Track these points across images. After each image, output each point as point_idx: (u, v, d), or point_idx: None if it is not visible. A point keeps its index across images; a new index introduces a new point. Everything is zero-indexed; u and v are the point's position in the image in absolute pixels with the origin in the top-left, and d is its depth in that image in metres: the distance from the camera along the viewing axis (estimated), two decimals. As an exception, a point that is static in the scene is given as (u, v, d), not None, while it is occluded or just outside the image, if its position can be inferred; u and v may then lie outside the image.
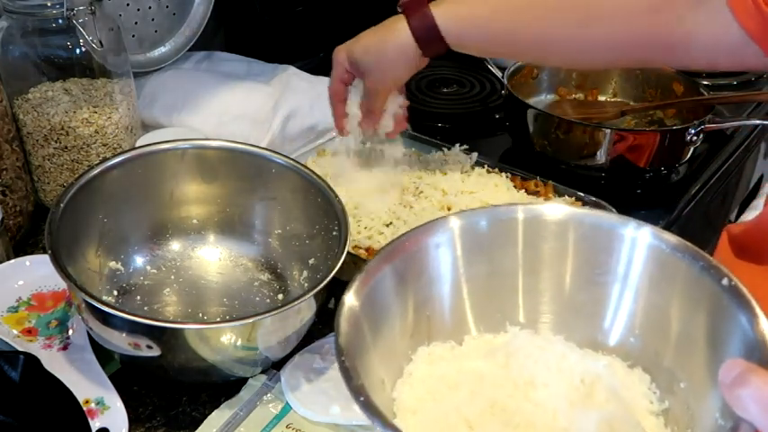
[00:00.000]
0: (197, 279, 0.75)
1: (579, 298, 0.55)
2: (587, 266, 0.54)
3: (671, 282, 0.52)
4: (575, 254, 0.54)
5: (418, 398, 0.50)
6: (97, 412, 0.61)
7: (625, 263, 0.53)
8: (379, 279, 0.50)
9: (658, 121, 1.07)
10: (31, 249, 0.83)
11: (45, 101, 0.81)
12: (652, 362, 0.52)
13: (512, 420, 0.48)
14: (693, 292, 0.50)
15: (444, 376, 0.52)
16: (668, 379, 0.51)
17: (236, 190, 0.77)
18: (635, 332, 0.54)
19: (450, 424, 0.48)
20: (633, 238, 0.52)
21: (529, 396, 0.49)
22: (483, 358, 0.52)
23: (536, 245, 0.54)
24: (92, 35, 0.79)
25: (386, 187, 0.85)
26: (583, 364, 0.51)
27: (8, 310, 0.70)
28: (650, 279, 0.53)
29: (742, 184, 1.27)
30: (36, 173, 0.86)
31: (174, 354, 0.60)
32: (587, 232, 0.54)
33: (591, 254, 0.54)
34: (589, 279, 0.54)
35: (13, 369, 0.55)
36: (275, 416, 0.63)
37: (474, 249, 0.54)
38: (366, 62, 0.77)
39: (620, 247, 0.53)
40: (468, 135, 0.99)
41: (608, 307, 0.54)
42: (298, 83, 0.98)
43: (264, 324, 0.60)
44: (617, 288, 0.54)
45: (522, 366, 0.50)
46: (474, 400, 0.49)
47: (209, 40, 1.11)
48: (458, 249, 0.53)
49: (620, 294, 0.54)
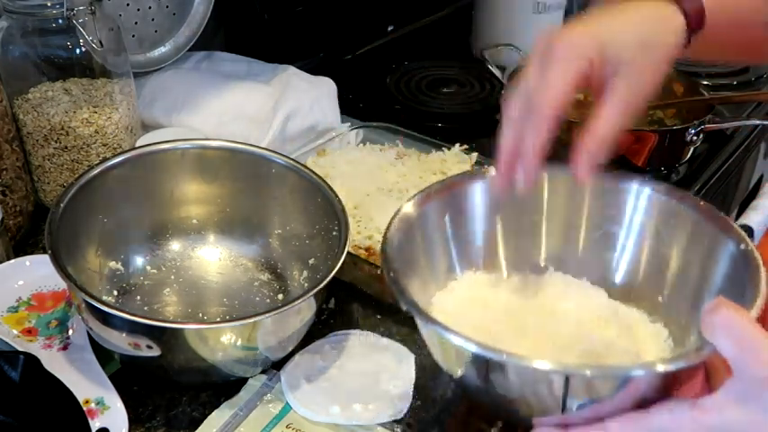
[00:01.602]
0: (197, 279, 0.75)
1: (595, 247, 0.62)
2: (600, 218, 0.61)
3: (680, 235, 0.57)
4: (589, 206, 0.61)
5: (454, 306, 0.58)
6: (97, 412, 0.61)
7: (637, 214, 0.60)
8: (431, 205, 0.59)
9: (658, 121, 1.07)
10: (31, 249, 0.83)
11: (45, 101, 0.81)
12: (673, 320, 0.56)
13: (529, 333, 0.55)
14: (702, 246, 0.55)
15: (480, 298, 0.59)
16: (682, 335, 0.55)
17: (236, 190, 0.77)
18: (651, 285, 0.59)
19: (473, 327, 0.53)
20: (638, 191, 0.59)
21: (550, 321, 0.56)
22: (517, 290, 0.60)
23: (557, 197, 0.62)
24: (92, 35, 0.79)
25: (386, 187, 0.85)
26: (608, 306, 0.58)
27: (8, 310, 0.70)
28: (657, 230, 0.59)
29: (742, 184, 1.26)
30: (36, 173, 0.86)
31: (174, 354, 0.60)
32: (599, 186, 0.60)
33: (604, 206, 0.61)
34: (603, 229, 0.61)
35: (13, 369, 0.55)
36: (275, 416, 0.63)
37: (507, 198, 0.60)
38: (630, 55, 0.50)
39: (629, 200, 0.60)
40: (468, 135, 0.99)
41: (620, 257, 0.61)
42: (298, 83, 0.98)
43: (264, 324, 0.60)
44: (628, 239, 0.60)
45: (551, 300, 0.59)
46: (500, 319, 0.57)
47: (209, 40, 1.11)
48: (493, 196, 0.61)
49: (632, 244, 0.60)
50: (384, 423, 0.62)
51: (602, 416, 0.44)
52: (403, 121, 1.01)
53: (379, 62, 1.28)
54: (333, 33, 1.27)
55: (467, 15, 1.36)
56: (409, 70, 1.25)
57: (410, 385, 0.65)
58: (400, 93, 1.18)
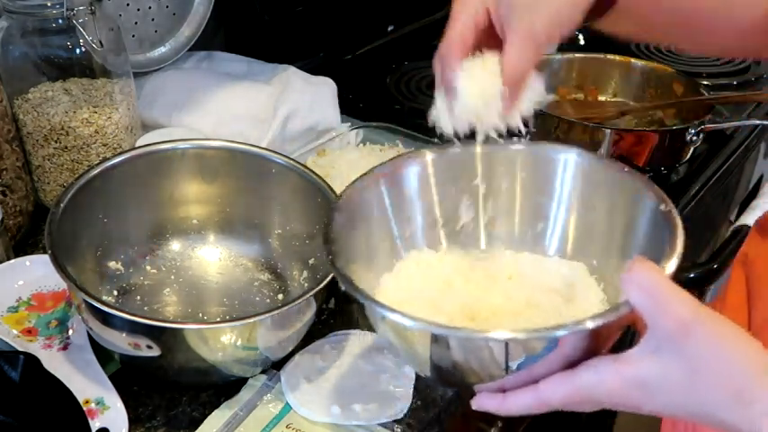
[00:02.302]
0: (197, 279, 0.75)
1: (531, 218, 0.63)
2: (533, 189, 0.62)
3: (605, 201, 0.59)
4: (522, 179, 0.62)
5: (399, 287, 0.58)
6: (97, 412, 0.61)
7: (560, 183, 0.61)
8: (370, 189, 0.59)
9: (658, 121, 1.07)
10: (31, 249, 0.83)
11: (45, 101, 0.81)
12: (608, 281, 0.58)
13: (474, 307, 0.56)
14: (627, 210, 0.57)
15: (424, 276, 0.60)
16: (616, 295, 0.56)
17: (236, 190, 0.77)
18: (593, 253, 0.60)
19: (416, 309, 0.54)
20: (565, 160, 0.60)
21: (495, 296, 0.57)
22: (461, 265, 0.60)
23: (492, 173, 0.62)
24: (92, 35, 0.79)
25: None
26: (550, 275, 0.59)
27: (8, 310, 0.70)
28: (586, 198, 0.60)
29: (742, 184, 1.27)
30: (36, 173, 0.86)
31: (174, 354, 0.60)
32: (531, 159, 0.61)
33: (535, 178, 0.62)
34: (535, 201, 0.62)
35: (13, 369, 0.55)
36: (275, 416, 0.63)
37: (444, 177, 0.62)
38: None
39: (557, 169, 0.60)
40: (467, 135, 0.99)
41: (554, 226, 0.62)
42: (298, 83, 0.98)
43: (264, 324, 0.60)
44: (560, 208, 0.61)
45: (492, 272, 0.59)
46: (446, 294, 0.57)
47: (209, 40, 1.11)
48: (430, 176, 0.62)
49: (565, 214, 0.61)
50: (384, 423, 0.63)
51: (535, 378, 0.47)
52: (403, 121, 1.01)
53: (379, 62, 1.28)
54: (333, 33, 1.27)
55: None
56: (409, 70, 1.25)
57: (410, 385, 0.65)
58: (400, 93, 1.18)
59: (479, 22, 0.55)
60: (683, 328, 0.41)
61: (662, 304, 0.41)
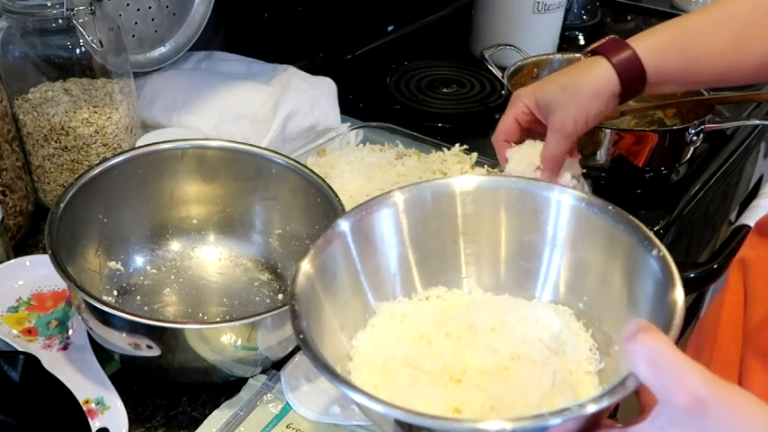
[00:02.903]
0: (197, 279, 0.75)
1: (517, 260, 0.60)
2: (519, 229, 0.59)
3: (598, 245, 0.56)
4: (507, 219, 0.60)
5: (375, 345, 0.55)
6: (97, 412, 0.61)
7: (553, 225, 0.58)
8: (334, 246, 0.55)
9: (658, 121, 1.07)
10: (31, 249, 0.83)
11: (45, 101, 0.81)
12: (595, 326, 0.55)
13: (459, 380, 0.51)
14: (619, 256, 0.54)
15: (399, 330, 0.56)
16: (607, 342, 0.54)
17: (236, 190, 0.77)
18: (579, 296, 0.57)
19: (396, 370, 0.52)
20: (558, 201, 0.57)
21: (479, 350, 0.53)
22: (439, 316, 0.57)
23: (472, 213, 0.60)
24: (92, 35, 0.79)
25: (386, 187, 0.85)
26: (536, 325, 0.55)
27: (8, 310, 0.70)
28: (580, 242, 0.57)
29: (742, 184, 1.26)
30: (36, 173, 0.86)
31: (174, 354, 0.60)
32: (516, 198, 0.59)
33: (521, 218, 0.59)
34: (521, 241, 0.59)
35: (13, 369, 0.55)
36: (275, 416, 0.63)
37: (418, 220, 0.59)
38: (560, 97, 0.70)
39: (548, 210, 0.58)
40: (468, 135, 0.99)
41: (541, 268, 0.59)
42: (298, 83, 0.98)
43: (264, 324, 0.60)
44: (548, 250, 0.58)
45: (479, 321, 0.55)
46: (422, 351, 0.54)
47: (209, 40, 1.11)
48: (403, 220, 0.59)
49: (551, 256, 0.58)
50: (384, 423, 0.62)
51: None
52: (403, 121, 1.01)
53: (379, 62, 1.28)
54: (333, 33, 1.27)
55: (467, 15, 1.36)
56: (409, 70, 1.25)
57: (410, 385, 0.65)
58: (400, 93, 1.18)
59: (521, 118, 0.73)
60: (699, 404, 0.38)
61: (674, 379, 0.38)
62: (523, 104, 0.72)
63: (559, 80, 0.71)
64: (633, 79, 0.69)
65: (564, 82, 0.71)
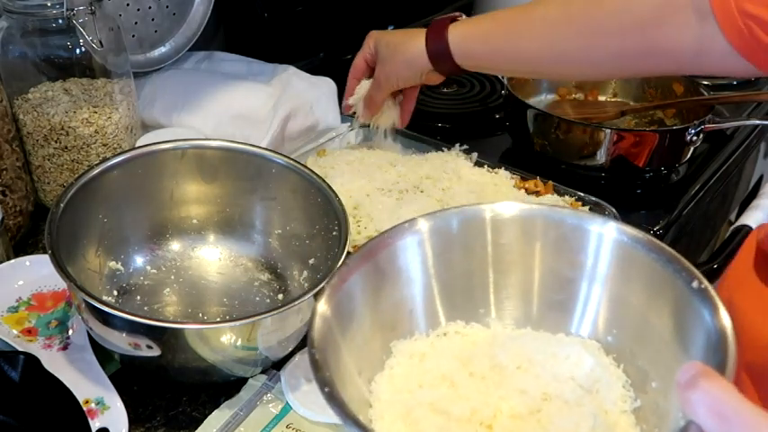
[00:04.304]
0: (197, 279, 0.75)
1: (549, 294, 0.56)
2: (555, 262, 0.55)
3: (638, 278, 0.52)
4: (542, 250, 0.55)
5: (395, 390, 0.51)
6: (97, 412, 0.61)
7: (593, 258, 0.54)
8: (351, 283, 0.51)
9: (658, 121, 1.07)
10: (31, 249, 0.83)
11: (45, 101, 0.81)
12: (628, 360, 0.53)
13: (490, 425, 0.48)
14: (660, 289, 0.50)
15: (423, 371, 0.52)
16: (642, 378, 0.51)
17: (236, 190, 0.77)
18: (609, 330, 0.54)
19: (422, 417, 0.48)
20: (599, 234, 0.53)
21: (508, 392, 0.49)
22: (460, 354, 0.53)
23: (504, 242, 0.56)
24: (92, 35, 0.79)
25: (386, 187, 0.85)
26: (566, 362, 0.51)
27: (8, 310, 0.70)
28: (618, 275, 0.53)
29: (742, 184, 1.26)
30: (36, 173, 0.86)
31: (174, 354, 0.60)
32: (554, 229, 0.55)
33: (558, 250, 0.55)
34: (558, 274, 0.55)
35: (13, 369, 0.55)
36: (275, 416, 0.63)
37: (444, 249, 0.55)
38: (384, 53, 0.84)
39: (587, 243, 0.54)
40: (468, 135, 0.99)
41: (577, 302, 0.55)
42: (298, 83, 0.98)
43: (264, 324, 0.60)
44: (585, 284, 0.54)
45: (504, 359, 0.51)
46: (449, 396, 0.50)
47: (209, 40, 1.11)
48: (427, 250, 0.55)
49: (589, 290, 0.54)
50: (384, 423, 0.62)
51: None
52: (403, 121, 1.01)
53: (379, 62, 1.28)
54: (333, 33, 1.27)
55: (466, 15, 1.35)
56: (409, 70, 1.25)
57: (410, 385, 0.65)
58: (400, 93, 1.18)
59: (368, 59, 0.88)
60: None
61: (737, 426, 0.36)
62: (369, 47, 0.87)
63: (394, 37, 0.85)
64: (441, 61, 0.81)
65: (394, 41, 0.84)
